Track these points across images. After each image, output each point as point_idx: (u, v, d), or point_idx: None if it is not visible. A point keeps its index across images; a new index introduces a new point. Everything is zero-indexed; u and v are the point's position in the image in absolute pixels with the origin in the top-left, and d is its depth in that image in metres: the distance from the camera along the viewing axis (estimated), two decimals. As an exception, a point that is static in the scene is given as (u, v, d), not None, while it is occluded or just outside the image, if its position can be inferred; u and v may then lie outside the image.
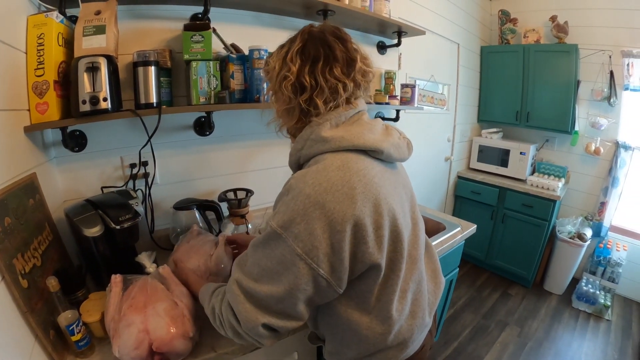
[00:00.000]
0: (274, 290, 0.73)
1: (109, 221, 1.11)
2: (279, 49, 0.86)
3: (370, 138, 0.81)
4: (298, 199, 0.72)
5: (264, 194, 1.80)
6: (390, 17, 2.01)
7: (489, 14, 3.78)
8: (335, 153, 0.79)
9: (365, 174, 0.77)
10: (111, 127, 1.31)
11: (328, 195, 0.71)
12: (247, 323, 0.75)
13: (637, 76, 3.03)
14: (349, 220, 0.72)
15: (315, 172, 0.75)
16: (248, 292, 0.75)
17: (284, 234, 0.71)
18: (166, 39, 1.40)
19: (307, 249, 0.70)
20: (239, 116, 1.64)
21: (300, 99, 0.80)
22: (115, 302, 0.92)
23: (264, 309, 0.75)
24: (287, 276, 0.72)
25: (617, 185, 3.25)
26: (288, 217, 0.72)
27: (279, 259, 0.72)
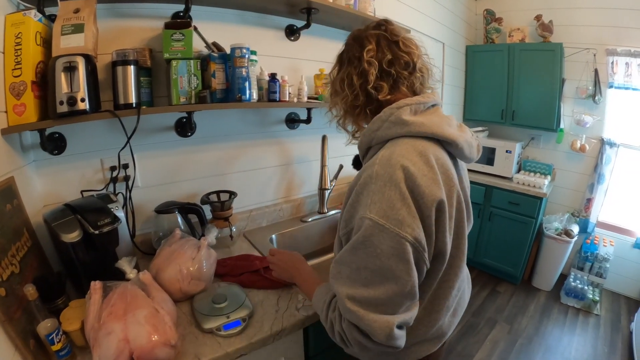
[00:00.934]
0: (392, 289, 0.70)
1: (88, 226, 1.08)
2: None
3: (448, 130, 0.81)
4: (390, 185, 0.70)
5: (247, 196, 1.79)
6: (375, 15, 2.01)
7: (475, 14, 3.82)
8: (413, 139, 0.78)
9: (442, 161, 0.78)
10: (90, 128, 1.29)
11: (416, 177, 0.71)
12: (381, 333, 0.69)
13: (621, 74, 3.08)
14: (436, 201, 0.72)
15: (400, 156, 0.73)
16: (366, 303, 0.71)
17: (388, 224, 0.68)
18: (147, 38, 1.37)
19: (413, 235, 0.69)
20: (221, 116, 1.62)
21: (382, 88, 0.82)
22: (95, 309, 0.89)
23: (391, 311, 0.71)
24: (400, 267, 0.69)
25: (603, 182, 3.29)
26: (387, 204, 0.69)
27: (387, 252, 0.68)
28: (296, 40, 1.83)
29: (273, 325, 1.07)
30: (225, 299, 1.12)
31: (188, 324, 1.06)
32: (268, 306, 1.16)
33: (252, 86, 1.44)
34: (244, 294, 1.17)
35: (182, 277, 1.13)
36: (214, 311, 1.07)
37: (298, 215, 2.00)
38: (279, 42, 1.77)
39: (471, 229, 0.96)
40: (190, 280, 1.15)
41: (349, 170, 2.21)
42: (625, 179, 3.32)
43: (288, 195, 2.01)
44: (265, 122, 1.80)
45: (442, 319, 0.87)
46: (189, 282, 1.15)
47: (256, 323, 1.08)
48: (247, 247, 1.59)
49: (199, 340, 1.00)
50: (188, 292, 1.15)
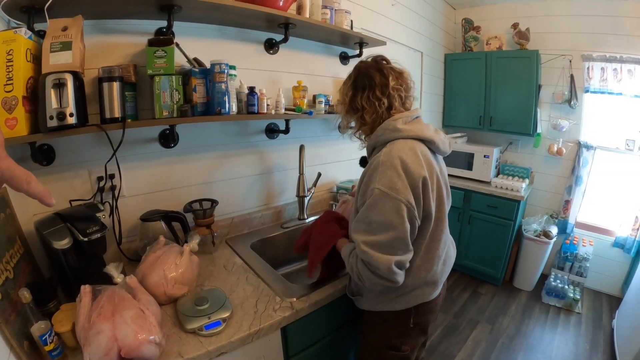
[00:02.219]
0: (391, 234, 1.03)
1: (77, 234, 1.13)
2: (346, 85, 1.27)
3: (427, 133, 1.16)
4: (391, 167, 1.04)
5: (229, 203, 1.84)
6: (353, 28, 2.09)
7: (453, 23, 3.91)
8: (405, 139, 1.12)
9: (425, 154, 1.13)
10: (78, 141, 1.33)
11: (408, 163, 1.05)
12: (383, 267, 1.03)
13: (597, 78, 3.18)
14: (421, 177, 1.06)
15: (397, 150, 1.07)
16: (374, 245, 1.04)
17: (389, 192, 1.02)
18: (131, 53, 1.42)
19: (406, 198, 1.02)
20: (203, 128, 1.66)
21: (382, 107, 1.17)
22: (85, 311, 0.94)
23: (391, 251, 1.04)
24: (397, 220, 1.02)
25: (580, 184, 3.39)
26: (388, 179, 1.03)
27: (389, 210, 1.02)
28: (275, 54, 1.89)
29: (252, 325, 1.13)
30: (207, 301, 1.17)
31: (172, 325, 1.11)
32: (247, 307, 1.22)
33: (232, 99, 1.50)
34: (224, 296, 1.22)
35: (167, 281, 1.19)
36: (196, 312, 1.12)
37: (279, 221, 2.04)
38: (258, 55, 1.83)
39: (451, 232, 1.37)
40: (174, 284, 1.20)
41: (328, 178, 2.31)
42: (602, 180, 3.41)
43: (269, 202, 2.05)
44: (246, 133, 1.85)
45: (435, 265, 1.21)
46: (173, 286, 1.20)
47: (236, 323, 1.13)
48: (228, 254, 1.63)
49: (182, 339, 1.05)
50: (172, 295, 1.21)
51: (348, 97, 1.23)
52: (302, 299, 1.29)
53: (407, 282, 1.15)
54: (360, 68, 1.22)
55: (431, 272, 1.20)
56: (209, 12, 1.45)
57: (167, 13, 1.34)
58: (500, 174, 3.69)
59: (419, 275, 1.18)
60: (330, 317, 1.42)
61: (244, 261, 1.56)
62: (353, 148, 2.41)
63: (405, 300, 1.21)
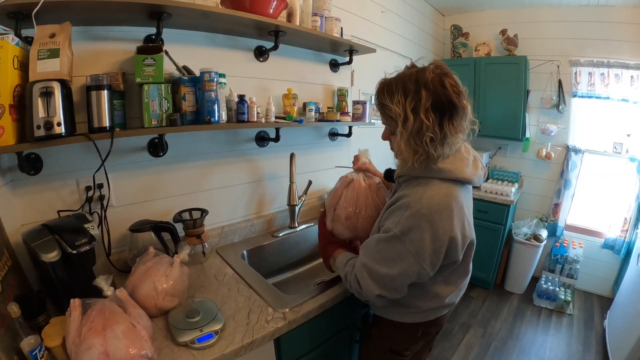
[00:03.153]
0: (390, 272, 1.03)
1: (66, 246, 1.11)
2: (402, 98, 0.98)
3: (467, 172, 1.05)
4: (416, 216, 0.97)
5: (219, 213, 1.82)
6: (343, 35, 2.09)
7: (442, 29, 3.95)
8: (442, 181, 1.02)
9: (459, 201, 1.02)
10: (66, 150, 1.30)
11: (435, 215, 0.97)
12: (367, 292, 1.09)
13: (584, 83, 3.24)
14: (448, 235, 0.99)
15: (429, 197, 0.98)
16: (371, 272, 1.07)
17: (402, 238, 0.99)
18: (120, 61, 1.41)
19: (417, 250, 0.98)
20: (193, 136, 1.65)
21: (430, 146, 0.97)
22: (75, 326, 0.92)
23: (381, 285, 1.06)
24: (400, 265, 1.01)
25: (569, 187, 3.44)
26: (407, 227, 0.98)
27: (397, 253, 1.01)
28: (265, 61, 1.88)
29: (244, 337, 1.11)
30: (199, 313, 1.15)
31: (164, 338, 1.09)
32: (239, 319, 1.20)
33: (221, 108, 1.49)
34: (216, 307, 1.20)
35: (157, 294, 1.17)
36: (188, 325, 1.11)
37: (270, 230, 2.03)
38: (248, 63, 1.82)
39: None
40: (165, 296, 1.18)
41: (319, 185, 2.30)
42: (591, 183, 3.47)
43: (259, 211, 2.04)
44: (236, 141, 1.84)
45: (454, 293, 1.21)
46: (164, 298, 1.18)
47: (228, 335, 1.12)
48: (219, 264, 1.62)
49: (174, 353, 1.03)
50: (163, 307, 1.19)
51: (431, 124, 0.95)
52: (294, 309, 1.27)
53: (422, 304, 1.19)
54: (434, 84, 0.96)
55: (447, 299, 1.20)
56: (199, 19, 1.44)
57: (156, 20, 1.32)
58: (490, 178, 3.72)
59: (436, 301, 1.19)
60: (324, 326, 1.41)
61: (235, 271, 1.54)
62: (344, 155, 2.43)
63: (417, 317, 1.24)
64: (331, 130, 2.36)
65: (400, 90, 0.98)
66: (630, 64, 3.00)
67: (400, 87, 0.99)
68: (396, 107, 0.98)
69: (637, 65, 2.98)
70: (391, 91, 1.01)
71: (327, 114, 2.06)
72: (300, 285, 1.82)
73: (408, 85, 0.98)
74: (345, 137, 2.39)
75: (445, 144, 0.99)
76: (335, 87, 2.33)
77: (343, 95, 2.27)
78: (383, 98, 1.03)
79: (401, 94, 0.98)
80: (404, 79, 0.99)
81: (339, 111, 2.16)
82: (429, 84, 0.95)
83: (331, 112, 2.07)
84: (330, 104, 2.32)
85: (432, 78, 0.96)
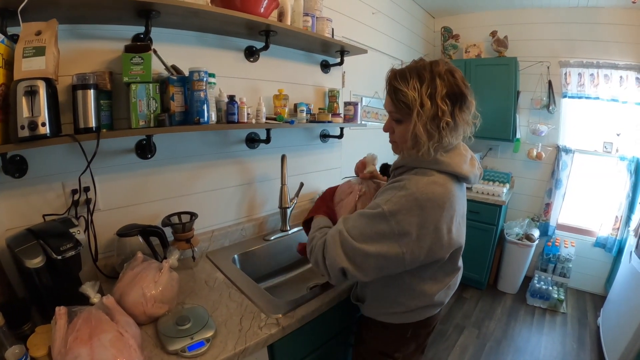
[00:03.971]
0: (365, 248, 0.98)
1: (50, 251, 1.07)
2: (417, 84, 0.99)
3: (464, 169, 1.05)
4: (409, 198, 0.96)
5: (209, 216, 1.79)
6: (334, 36, 2.07)
7: (433, 31, 3.97)
8: (440, 173, 1.03)
9: (453, 194, 1.01)
10: (52, 151, 1.27)
11: (428, 203, 0.96)
12: (332, 262, 1.02)
13: (574, 84, 3.29)
14: (434, 224, 0.97)
15: (427, 183, 0.99)
16: (345, 242, 1.01)
17: (389, 217, 0.96)
18: (108, 60, 1.38)
19: (402, 232, 0.96)
20: (181, 138, 1.62)
21: (446, 132, 0.98)
22: (61, 335, 0.89)
23: (350, 257, 1.00)
24: (380, 244, 0.97)
25: (560, 187, 3.47)
26: (397, 207, 0.96)
27: (379, 231, 0.97)
28: (255, 62, 1.86)
29: (237, 345, 1.08)
30: (189, 320, 1.12)
31: (153, 347, 1.06)
32: (231, 326, 1.17)
33: (211, 108, 1.46)
34: (207, 314, 1.17)
35: (146, 300, 1.13)
36: (178, 333, 1.07)
37: (261, 233, 2.00)
38: (238, 63, 1.80)
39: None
40: (154, 303, 1.15)
41: (310, 187, 2.29)
42: (582, 182, 3.51)
43: (250, 214, 2.01)
44: (226, 142, 1.81)
45: (442, 291, 1.18)
46: (153, 305, 1.15)
47: (220, 343, 1.08)
48: (209, 269, 1.58)
49: (164, 363, 1.00)
50: (152, 314, 1.15)
51: (447, 110, 0.97)
52: (288, 314, 1.25)
53: (410, 303, 1.17)
54: (447, 74, 1.00)
55: (435, 297, 1.17)
56: (188, 18, 1.41)
57: (144, 18, 1.30)
58: (481, 179, 3.70)
59: (423, 299, 1.17)
60: (319, 331, 1.39)
61: (225, 276, 1.51)
62: (335, 157, 2.41)
63: (406, 317, 1.21)
64: (322, 132, 2.34)
65: (416, 77, 0.99)
66: (620, 65, 3.04)
67: (415, 75, 1.00)
68: (412, 91, 0.98)
69: (626, 65, 3.02)
70: (405, 78, 1.01)
71: (319, 115, 2.05)
72: (293, 289, 1.79)
73: (423, 74, 0.99)
74: (336, 138, 2.37)
75: (455, 134, 1.02)
76: (327, 88, 2.32)
77: (334, 97, 2.25)
78: (397, 83, 1.02)
79: (417, 80, 0.99)
80: (418, 68, 1.01)
81: (331, 112, 2.14)
82: (443, 74, 0.99)
83: (322, 113, 2.05)
84: (321, 105, 2.30)
85: (445, 70, 1.00)
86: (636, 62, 2.99)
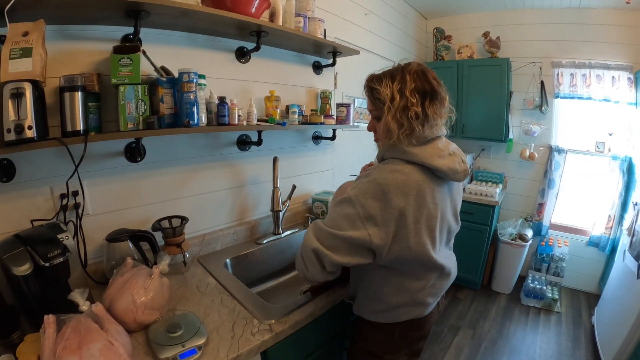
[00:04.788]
0: (334, 232, 1.04)
1: (38, 258, 1.04)
2: (390, 82, 1.08)
3: (437, 161, 1.07)
4: (372, 183, 1.03)
5: (200, 220, 1.76)
6: (326, 37, 2.06)
7: (425, 32, 3.97)
8: (406, 163, 1.07)
9: (420, 185, 1.04)
10: (39, 155, 1.24)
11: (390, 188, 1.01)
12: (305, 244, 1.10)
13: (567, 84, 3.31)
14: (397, 208, 1.00)
15: (389, 171, 1.05)
16: (317, 229, 1.10)
17: (354, 201, 1.03)
18: (96, 61, 1.35)
19: (365, 215, 1.02)
20: (171, 140, 1.59)
21: (415, 122, 1.04)
22: (50, 344, 0.87)
23: (320, 239, 1.07)
24: (345, 226, 1.03)
25: (553, 187, 3.49)
26: (361, 192, 1.03)
27: (344, 214, 1.04)
28: (247, 63, 1.84)
29: (229, 352, 1.06)
30: (180, 327, 1.09)
31: (144, 355, 1.04)
32: (224, 332, 1.15)
33: (201, 110, 1.44)
34: (199, 321, 1.15)
35: (136, 307, 1.11)
36: (169, 340, 1.05)
37: (253, 237, 1.97)
38: (229, 64, 1.78)
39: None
40: (144, 310, 1.12)
41: (303, 190, 2.27)
42: (574, 182, 3.53)
43: (242, 217, 1.99)
44: (216, 145, 1.79)
45: (422, 288, 1.18)
46: (143, 312, 1.12)
47: (212, 350, 1.06)
48: (201, 273, 1.56)
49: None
50: (142, 322, 1.13)
51: (415, 101, 1.04)
52: (281, 320, 1.23)
53: (392, 300, 1.17)
54: (417, 73, 1.08)
55: (418, 294, 1.18)
56: (178, 18, 1.39)
57: (133, 19, 1.28)
58: (474, 180, 3.76)
59: (404, 295, 1.18)
60: (313, 336, 1.37)
61: (217, 281, 1.49)
62: (328, 159, 2.40)
63: (390, 316, 1.21)
64: (315, 134, 2.33)
65: (389, 77, 1.10)
66: (612, 65, 3.07)
67: (388, 75, 1.11)
68: (385, 89, 1.08)
69: (618, 65, 3.05)
70: (379, 78, 1.12)
71: (311, 116, 2.03)
72: (286, 293, 1.77)
73: (395, 73, 1.10)
74: (329, 140, 2.36)
75: (426, 124, 1.06)
76: (319, 90, 2.30)
77: (327, 98, 2.24)
78: (373, 83, 1.14)
79: (389, 79, 1.10)
80: (392, 71, 1.12)
81: (323, 114, 2.13)
82: (413, 72, 1.08)
83: (315, 115, 2.04)
84: (313, 106, 2.29)
85: (416, 69, 1.09)
86: (628, 63, 3.02)
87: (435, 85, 1.08)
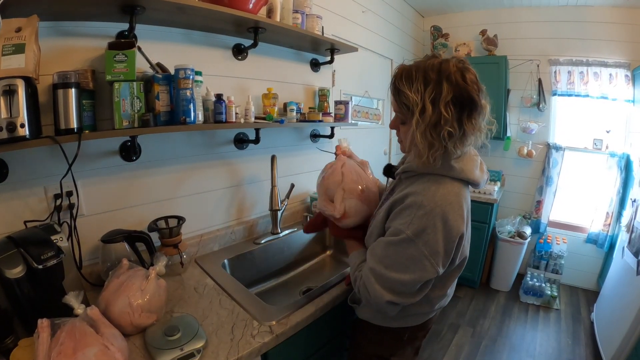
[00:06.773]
0: (401, 278, 0.97)
1: (31, 260, 1.02)
2: (421, 87, 0.92)
3: (476, 174, 1.03)
4: (429, 216, 0.93)
5: (197, 220, 1.74)
6: (324, 34, 2.04)
7: (422, 30, 3.97)
8: (453, 180, 0.99)
9: (466, 201, 1.02)
10: (32, 154, 1.21)
11: (449, 215, 0.94)
12: (375, 299, 1.03)
13: (564, 82, 3.32)
14: (459, 234, 0.96)
15: (441, 195, 0.95)
16: (379, 277, 1.01)
17: (416, 240, 0.94)
18: (91, 58, 1.32)
19: (431, 252, 0.94)
20: (167, 139, 1.57)
21: (448, 142, 0.92)
22: (44, 349, 0.84)
23: (389, 290, 1.00)
24: (413, 269, 0.96)
25: (551, 184, 3.49)
26: (421, 228, 0.93)
27: (409, 257, 0.96)
28: (244, 60, 1.81)
29: (229, 355, 1.04)
30: (178, 330, 1.07)
31: (142, 359, 1.02)
32: (223, 335, 1.13)
33: (197, 108, 1.41)
34: (197, 323, 1.13)
35: (132, 310, 1.08)
36: (167, 344, 1.03)
37: (251, 237, 1.95)
38: (226, 61, 1.75)
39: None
40: (141, 313, 1.10)
41: (301, 188, 2.26)
42: (572, 180, 3.54)
43: (240, 217, 1.96)
44: (213, 143, 1.77)
45: (443, 297, 1.18)
46: (140, 315, 1.10)
47: (211, 353, 1.04)
48: (198, 274, 1.54)
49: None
50: (139, 325, 1.10)
51: (450, 117, 0.90)
52: (281, 321, 1.21)
53: (410, 308, 1.12)
54: (455, 76, 0.92)
55: (436, 301, 1.17)
56: (174, 14, 1.37)
57: (129, 15, 1.26)
58: (483, 181, 3.73)
59: (426, 306, 1.17)
60: (313, 337, 1.35)
61: (215, 282, 1.46)
62: (326, 157, 2.37)
63: (403, 321, 1.19)
64: (313, 132, 2.31)
65: (421, 79, 0.93)
66: (609, 62, 3.08)
67: (420, 76, 0.93)
68: (414, 94, 0.92)
69: (616, 63, 3.06)
70: (410, 78, 0.94)
71: (309, 114, 2.01)
72: (286, 293, 1.75)
73: (429, 75, 0.92)
74: (327, 138, 2.34)
75: (464, 142, 0.95)
76: (317, 87, 2.28)
77: (324, 96, 2.22)
78: (401, 84, 0.96)
79: (421, 82, 0.92)
80: (426, 68, 0.93)
81: (321, 111, 2.11)
82: (452, 76, 0.91)
83: (313, 113, 2.02)
84: (311, 104, 2.27)
85: (455, 71, 0.92)
86: (625, 60, 3.03)
87: (474, 94, 0.92)
